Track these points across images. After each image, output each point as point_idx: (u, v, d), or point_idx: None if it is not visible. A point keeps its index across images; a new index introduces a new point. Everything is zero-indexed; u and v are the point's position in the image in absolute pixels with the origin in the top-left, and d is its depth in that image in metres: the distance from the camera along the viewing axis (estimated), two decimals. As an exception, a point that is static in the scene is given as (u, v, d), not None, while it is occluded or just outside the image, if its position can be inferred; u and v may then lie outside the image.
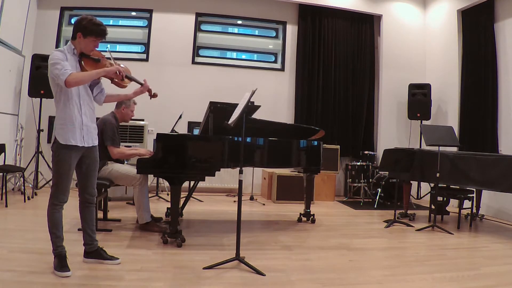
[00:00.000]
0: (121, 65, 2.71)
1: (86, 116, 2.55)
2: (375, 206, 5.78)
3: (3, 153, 4.50)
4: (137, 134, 5.46)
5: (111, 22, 6.65)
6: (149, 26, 6.51)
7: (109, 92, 2.82)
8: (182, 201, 4.12)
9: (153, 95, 2.93)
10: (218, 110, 3.60)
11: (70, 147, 2.48)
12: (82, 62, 2.56)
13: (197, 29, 6.73)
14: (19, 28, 5.45)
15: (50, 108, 5.96)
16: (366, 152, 6.55)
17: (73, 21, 6.43)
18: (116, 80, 2.64)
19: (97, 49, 2.66)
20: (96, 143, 2.67)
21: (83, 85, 2.53)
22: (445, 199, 5.08)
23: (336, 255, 3.27)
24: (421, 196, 6.50)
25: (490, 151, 5.50)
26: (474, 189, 4.69)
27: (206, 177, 3.46)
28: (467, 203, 4.73)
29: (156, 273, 2.61)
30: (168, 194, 5.80)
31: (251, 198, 5.96)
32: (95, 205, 2.79)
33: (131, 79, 2.75)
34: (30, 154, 5.73)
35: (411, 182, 5.12)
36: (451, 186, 4.78)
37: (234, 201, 5.76)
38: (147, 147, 5.56)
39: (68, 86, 2.38)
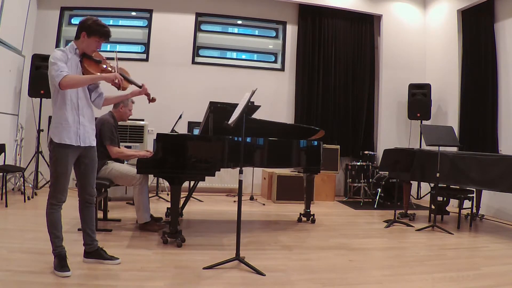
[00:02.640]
0: (117, 67, 2.68)
1: (83, 116, 2.55)
2: (375, 206, 5.78)
3: (3, 153, 4.50)
4: (137, 134, 5.45)
5: (111, 22, 6.63)
6: (149, 26, 6.52)
7: (107, 94, 2.82)
8: (182, 201, 4.13)
9: (152, 100, 2.94)
10: (218, 110, 3.60)
11: (66, 146, 2.47)
12: (84, 62, 2.57)
13: (197, 29, 6.73)
14: (19, 28, 5.45)
15: (50, 108, 5.91)
16: (366, 152, 6.54)
17: (73, 21, 6.44)
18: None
19: (100, 49, 2.66)
20: (93, 143, 2.66)
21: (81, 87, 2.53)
22: (445, 199, 5.08)
23: (336, 255, 3.27)
24: (421, 196, 6.50)
25: (490, 151, 5.49)
26: (474, 189, 4.69)
27: (206, 177, 3.46)
28: (467, 203, 4.73)
29: (156, 273, 2.61)
30: (168, 194, 5.80)
31: (251, 198, 5.96)
32: (95, 205, 2.79)
33: (129, 81, 2.75)
34: (30, 154, 5.73)
35: (411, 182, 5.12)
36: (451, 186, 4.78)
37: (234, 201, 5.75)
38: (147, 147, 5.55)
39: (62, 89, 2.40)
